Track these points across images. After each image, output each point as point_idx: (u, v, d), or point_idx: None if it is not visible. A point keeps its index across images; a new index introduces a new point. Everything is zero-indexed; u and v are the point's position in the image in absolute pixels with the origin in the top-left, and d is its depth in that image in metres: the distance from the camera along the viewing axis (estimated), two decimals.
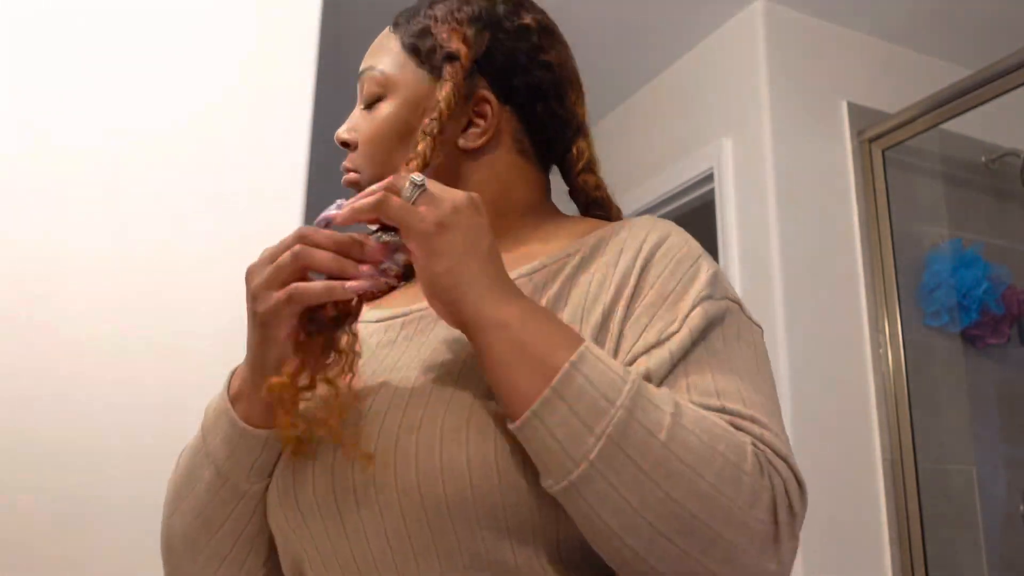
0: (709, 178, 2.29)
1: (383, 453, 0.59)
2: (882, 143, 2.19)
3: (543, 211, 0.78)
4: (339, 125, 0.79)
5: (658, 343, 0.61)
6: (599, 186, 0.82)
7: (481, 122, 0.74)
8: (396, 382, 0.64)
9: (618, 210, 0.83)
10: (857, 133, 2.21)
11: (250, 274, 0.62)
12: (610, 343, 0.63)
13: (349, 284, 0.59)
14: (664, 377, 0.60)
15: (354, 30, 2.28)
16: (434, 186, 0.60)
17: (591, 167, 0.82)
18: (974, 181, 2.39)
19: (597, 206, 0.82)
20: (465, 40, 0.73)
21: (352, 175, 0.76)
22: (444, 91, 0.71)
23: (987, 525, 2.08)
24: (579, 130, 0.81)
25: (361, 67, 0.77)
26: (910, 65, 2.39)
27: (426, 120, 0.71)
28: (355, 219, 0.60)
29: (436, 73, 0.73)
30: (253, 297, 0.61)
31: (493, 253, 0.60)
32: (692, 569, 0.54)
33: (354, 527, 0.61)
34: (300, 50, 1.71)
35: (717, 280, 0.66)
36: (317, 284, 0.59)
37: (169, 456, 0.77)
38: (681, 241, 0.69)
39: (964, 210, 2.35)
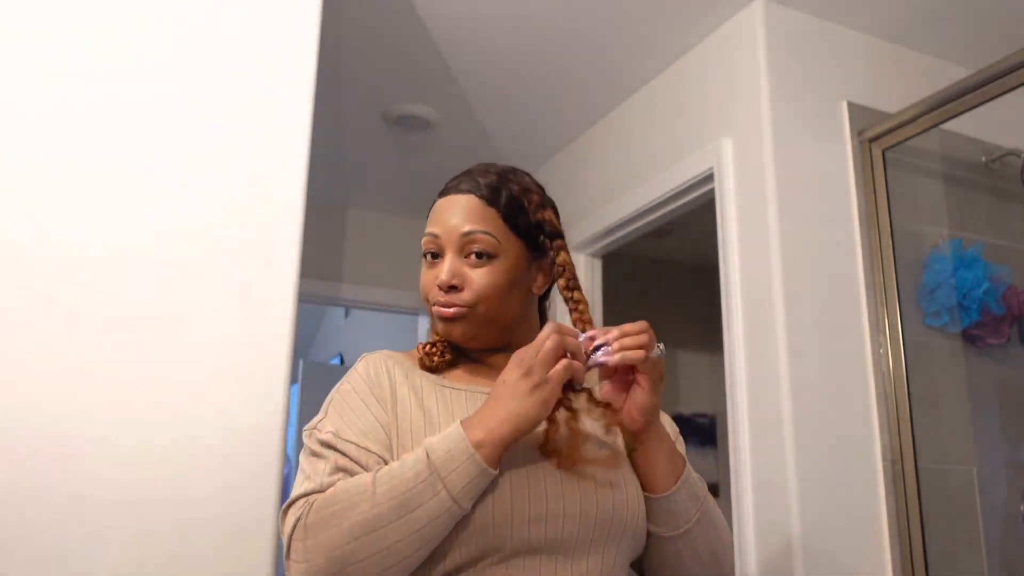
0: (709, 178, 2.29)
1: (616, 493, 1.00)
2: (882, 143, 2.19)
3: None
4: (339, 125, 0.80)
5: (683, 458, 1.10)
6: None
7: (541, 277, 1.09)
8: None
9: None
10: (857, 133, 2.21)
11: (521, 362, 0.92)
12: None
13: (601, 361, 0.95)
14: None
15: (354, 28, 2.28)
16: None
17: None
18: (974, 181, 2.39)
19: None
20: (557, 218, 1.10)
21: (463, 310, 1.02)
22: (564, 256, 1.07)
23: (987, 525, 2.08)
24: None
25: (461, 228, 1.02)
26: (910, 65, 2.39)
27: (563, 281, 1.07)
28: (625, 362, 0.94)
29: (532, 243, 1.06)
30: (528, 372, 0.91)
31: None
32: None
33: (567, 533, 0.94)
34: (300, 48, 1.71)
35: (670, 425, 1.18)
36: (580, 365, 0.94)
37: (168, 456, 0.76)
38: (668, 420, 1.16)
39: (964, 210, 2.35)
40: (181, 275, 1.49)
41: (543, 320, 1.14)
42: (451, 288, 1.02)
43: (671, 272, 4.07)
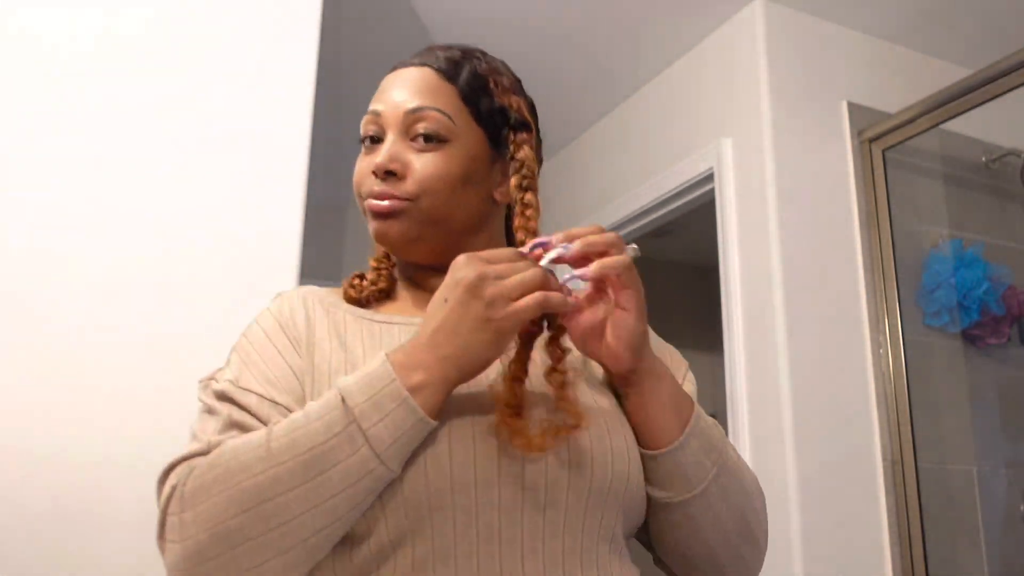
0: (709, 178, 2.29)
1: (582, 449, 0.74)
2: (882, 143, 2.19)
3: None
4: (339, 119, 0.80)
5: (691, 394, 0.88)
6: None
7: (506, 182, 0.87)
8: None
9: None
10: (857, 133, 2.21)
11: (482, 282, 0.68)
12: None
13: (571, 302, 0.73)
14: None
15: (354, 28, 2.28)
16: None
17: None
18: (974, 181, 2.39)
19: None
20: (531, 110, 0.89)
21: (400, 203, 0.81)
22: (526, 152, 0.85)
23: (987, 525, 2.08)
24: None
25: (409, 104, 0.82)
26: (910, 65, 2.39)
27: (518, 177, 0.84)
28: (602, 274, 0.71)
29: (493, 132, 0.85)
30: (490, 303, 0.68)
31: None
32: (741, 556, 0.81)
33: (510, 502, 0.71)
34: (300, 48, 1.71)
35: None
36: (558, 297, 0.70)
37: (162, 457, 0.76)
38: (678, 356, 0.98)
39: (964, 210, 2.35)
40: (181, 275, 1.49)
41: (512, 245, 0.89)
42: (388, 175, 0.81)
43: (671, 272, 4.07)
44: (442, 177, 0.81)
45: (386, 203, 0.81)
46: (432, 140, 0.81)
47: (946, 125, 2.16)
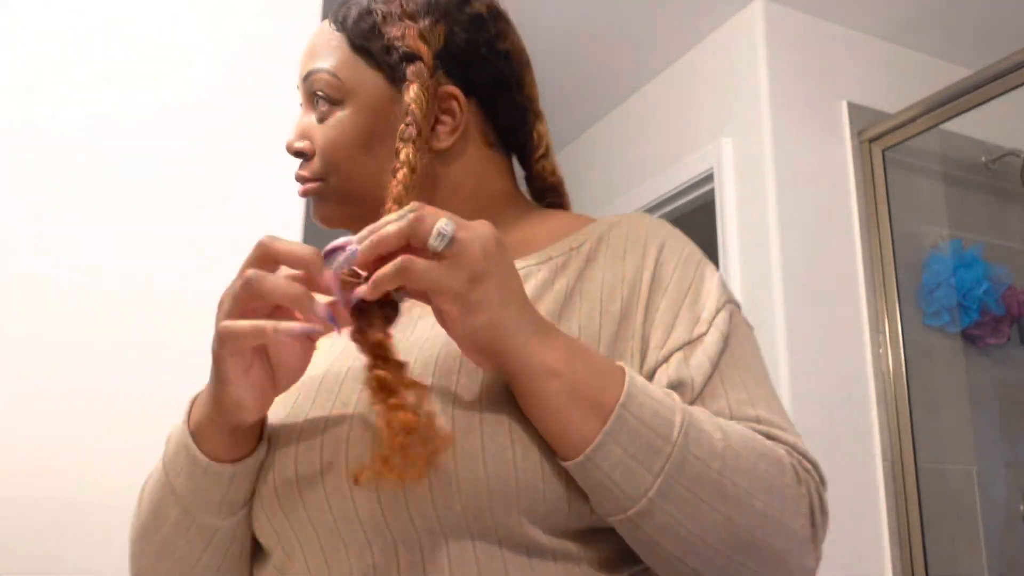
0: (709, 178, 2.29)
1: (445, 466, 0.56)
2: (882, 143, 2.19)
3: (519, 201, 0.78)
4: None
5: (690, 342, 0.64)
6: (555, 172, 0.81)
7: (449, 119, 0.71)
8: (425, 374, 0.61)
9: (567, 197, 0.84)
10: (857, 133, 2.21)
11: (225, 298, 0.56)
12: (633, 343, 0.64)
13: (283, 329, 0.53)
14: (704, 383, 0.63)
15: None
16: (461, 231, 0.53)
17: (549, 153, 0.80)
18: (974, 181, 2.39)
19: (553, 192, 0.82)
20: (422, 36, 0.70)
21: (313, 185, 0.72)
22: (412, 92, 0.67)
23: (987, 525, 2.08)
24: (537, 115, 0.79)
25: (305, 70, 0.73)
26: (910, 65, 2.39)
27: (401, 126, 0.67)
28: (380, 292, 0.54)
29: (391, 74, 0.70)
30: (219, 324, 0.56)
31: (523, 293, 0.57)
32: (741, 571, 0.58)
33: (367, 506, 0.57)
34: (301, 48, 1.71)
35: (725, 284, 0.69)
36: (245, 324, 0.54)
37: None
38: (682, 241, 0.71)
39: (964, 210, 2.35)
40: (181, 276, 1.49)
41: (510, 206, 0.76)
42: (299, 155, 0.74)
43: None
44: (339, 145, 0.70)
45: (301, 188, 0.73)
46: (327, 105, 0.71)
47: (946, 125, 2.16)
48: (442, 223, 0.53)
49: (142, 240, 1.48)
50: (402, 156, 0.66)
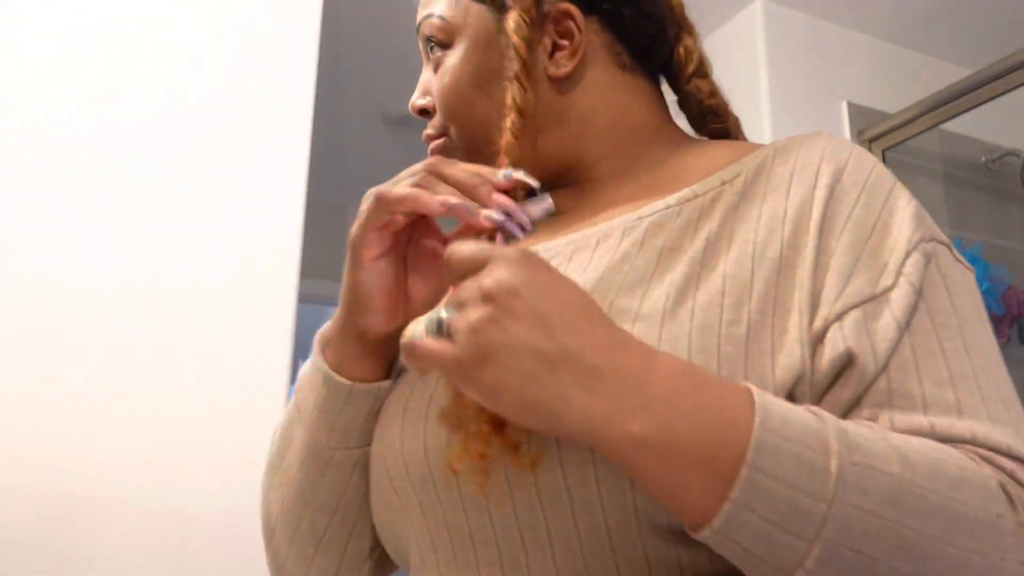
0: None
1: (538, 445, 0.48)
2: (882, 143, 2.19)
3: (670, 132, 0.66)
4: (339, 119, 0.79)
5: (873, 297, 0.49)
6: (714, 92, 0.68)
7: (567, 42, 0.62)
8: None
9: (736, 120, 0.70)
10: (857, 133, 2.21)
11: (368, 195, 0.54)
12: (800, 295, 0.50)
13: (439, 197, 0.49)
14: (890, 354, 0.48)
15: (354, 28, 2.28)
16: (454, 314, 0.43)
17: (703, 70, 0.68)
18: (974, 181, 2.39)
19: (713, 115, 0.69)
20: None
21: (438, 141, 0.68)
22: (512, 21, 0.60)
23: None
24: (680, 27, 0.67)
25: (417, 22, 0.69)
26: (910, 65, 2.39)
27: (505, 61, 0.60)
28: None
29: (496, 3, 0.63)
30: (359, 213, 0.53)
31: (580, 331, 0.42)
32: None
33: (474, 504, 0.50)
34: (301, 48, 1.71)
35: (922, 217, 0.53)
36: (402, 188, 0.51)
37: (170, 462, 0.76)
38: (868, 164, 0.55)
39: (964, 210, 2.34)
40: (181, 276, 1.49)
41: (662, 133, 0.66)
42: (422, 113, 0.70)
43: None
44: (451, 90, 0.64)
45: (431, 147, 0.68)
46: (439, 51, 0.66)
47: (946, 125, 2.16)
48: (443, 311, 0.44)
49: (142, 239, 1.48)
50: (508, 99, 0.59)
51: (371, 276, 0.54)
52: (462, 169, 0.52)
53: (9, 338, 1.35)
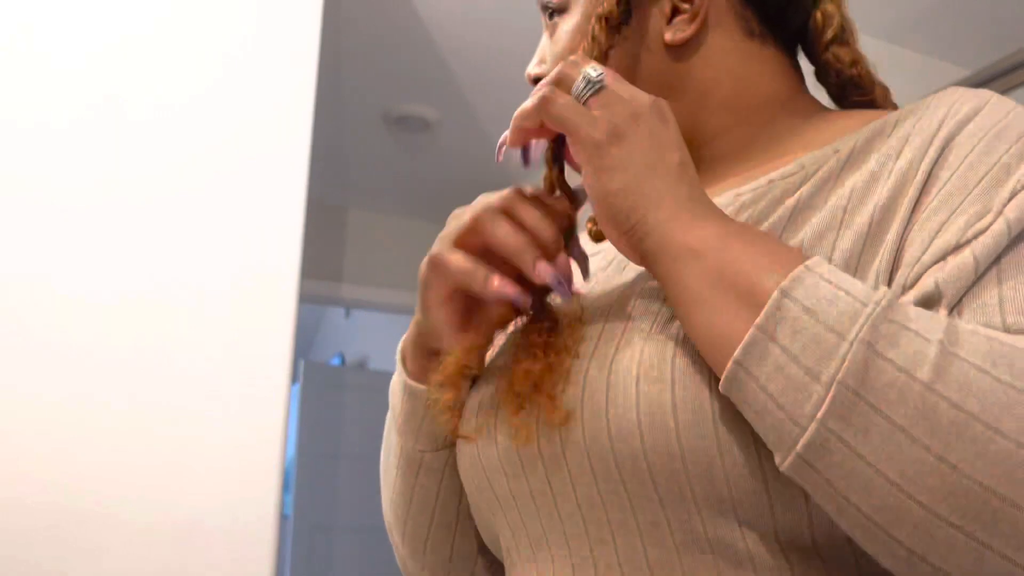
0: None
1: (570, 400, 0.47)
2: None
3: (802, 106, 0.60)
4: (339, 125, 0.80)
5: (959, 246, 0.42)
6: (856, 61, 0.61)
7: (687, 5, 0.57)
8: (597, 319, 0.51)
9: (884, 89, 0.63)
10: None
11: (455, 218, 0.53)
12: (883, 257, 0.45)
13: (495, 283, 0.49)
14: (964, 292, 0.41)
15: (354, 28, 2.28)
16: (615, 83, 0.48)
17: (844, 37, 0.61)
18: None
19: (855, 87, 0.62)
20: None
21: None
22: None
23: None
24: None
25: None
26: (910, 65, 2.39)
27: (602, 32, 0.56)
28: (521, 135, 0.50)
29: None
30: (438, 243, 0.53)
31: (684, 170, 0.47)
32: (996, 570, 0.36)
33: (543, 495, 0.50)
34: (301, 48, 1.71)
35: None
36: (458, 264, 0.50)
37: (170, 462, 0.76)
38: (1001, 111, 0.47)
39: None
40: (181, 276, 1.49)
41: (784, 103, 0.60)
42: (536, 82, 0.63)
43: None
44: (563, 56, 0.60)
45: None
46: (557, 17, 0.62)
47: None
48: (592, 68, 0.48)
49: (142, 240, 1.48)
50: (591, 32, 0.56)
51: (439, 316, 0.54)
52: (531, 215, 0.50)
53: (7, 341, 1.35)
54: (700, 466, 0.43)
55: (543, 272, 0.48)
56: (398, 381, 0.60)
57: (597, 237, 0.61)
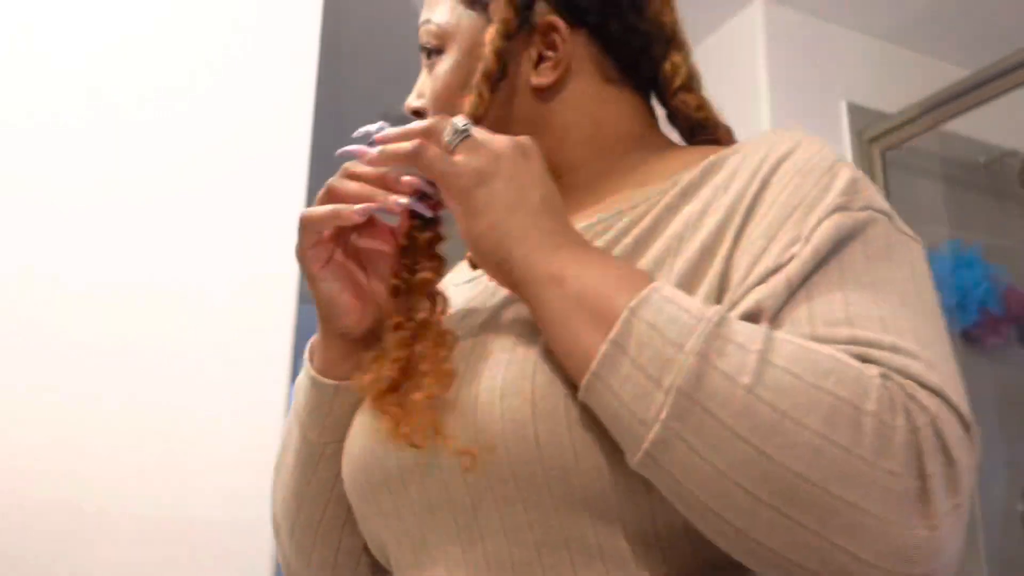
0: None
1: (442, 414, 0.53)
2: (882, 143, 2.19)
3: (653, 142, 0.69)
4: (340, 119, 0.80)
5: (777, 268, 0.50)
6: (701, 106, 0.71)
7: (551, 53, 0.64)
8: (469, 339, 0.58)
9: (727, 130, 0.72)
10: (857, 133, 2.21)
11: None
12: (712, 280, 0.53)
13: (357, 207, 0.57)
14: (780, 308, 0.49)
15: (355, 28, 2.28)
16: (479, 132, 0.55)
17: (690, 84, 0.71)
18: (974, 182, 2.39)
19: (702, 129, 0.71)
20: None
21: None
22: (489, 30, 0.63)
23: (987, 525, 2.08)
24: (669, 43, 0.70)
25: (418, 22, 0.71)
26: (910, 65, 2.39)
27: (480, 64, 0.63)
28: (387, 164, 0.58)
29: (486, 12, 0.65)
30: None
31: (548, 203, 0.53)
32: (811, 544, 0.42)
33: (422, 504, 0.55)
34: (301, 48, 1.71)
35: (856, 187, 0.54)
36: (322, 208, 0.58)
37: (169, 465, 0.77)
38: (812, 150, 0.56)
39: (964, 210, 2.34)
40: (181, 275, 1.49)
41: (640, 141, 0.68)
42: (416, 114, 0.70)
43: None
44: (439, 95, 0.67)
45: None
46: (434, 56, 0.69)
47: (946, 126, 2.16)
48: (458, 119, 0.55)
49: (142, 240, 1.48)
50: (464, 105, 0.62)
51: (325, 282, 0.60)
52: (371, 170, 0.59)
53: (9, 340, 1.35)
54: (557, 472, 0.49)
55: (405, 184, 0.57)
56: (304, 376, 0.65)
57: (473, 265, 0.66)
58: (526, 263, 0.51)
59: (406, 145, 0.55)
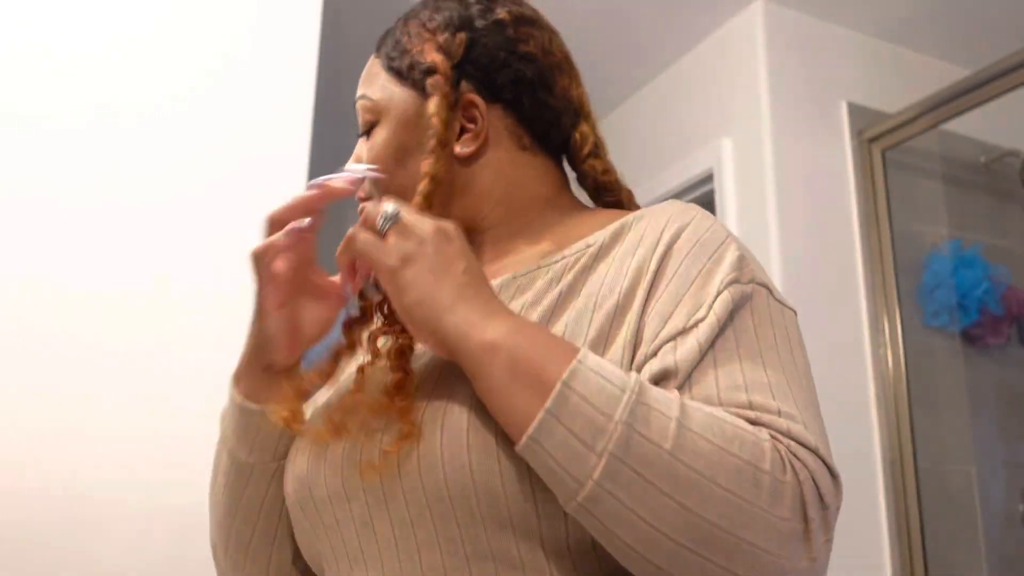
0: (709, 178, 2.29)
1: (388, 442, 0.60)
2: (882, 143, 2.19)
3: (561, 204, 0.77)
4: (340, 121, 0.81)
5: (685, 330, 0.59)
6: (607, 170, 0.79)
7: (472, 126, 0.73)
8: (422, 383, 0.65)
9: (629, 193, 0.81)
10: (857, 133, 2.21)
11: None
12: (625, 335, 0.61)
13: (287, 228, 0.65)
14: (692, 369, 0.58)
15: (355, 28, 2.28)
16: (409, 216, 0.61)
17: (596, 152, 0.79)
18: (974, 181, 2.39)
19: (607, 191, 0.80)
20: (440, 49, 0.73)
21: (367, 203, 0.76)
22: (432, 105, 0.70)
23: (987, 525, 2.08)
24: (578, 115, 0.78)
25: (356, 97, 0.78)
26: (910, 65, 2.39)
27: (425, 139, 0.71)
28: (345, 269, 0.66)
29: (420, 89, 0.73)
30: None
31: (471, 276, 0.60)
32: (707, 570, 0.52)
33: (362, 519, 0.62)
34: (301, 48, 1.71)
35: (743, 263, 0.64)
36: (276, 238, 0.65)
37: (168, 462, 0.77)
38: (705, 225, 0.66)
39: (964, 210, 2.35)
40: (182, 275, 1.49)
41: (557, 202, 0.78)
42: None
43: None
44: (377, 161, 0.74)
45: (359, 207, 0.74)
46: (371, 127, 0.75)
47: (945, 125, 2.16)
48: (387, 206, 0.61)
49: (141, 239, 1.48)
50: (424, 167, 0.69)
51: (276, 323, 0.67)
52: (284, 207, 0.67)
53: (7, 338, 1.35)
54: (487, 494, 0.57)
55: (314, 181, 0.66)
56: (230, 403, 0.71)
57: None
58: (458, 333, 0.57)
59: (343, 242, 0.62)
